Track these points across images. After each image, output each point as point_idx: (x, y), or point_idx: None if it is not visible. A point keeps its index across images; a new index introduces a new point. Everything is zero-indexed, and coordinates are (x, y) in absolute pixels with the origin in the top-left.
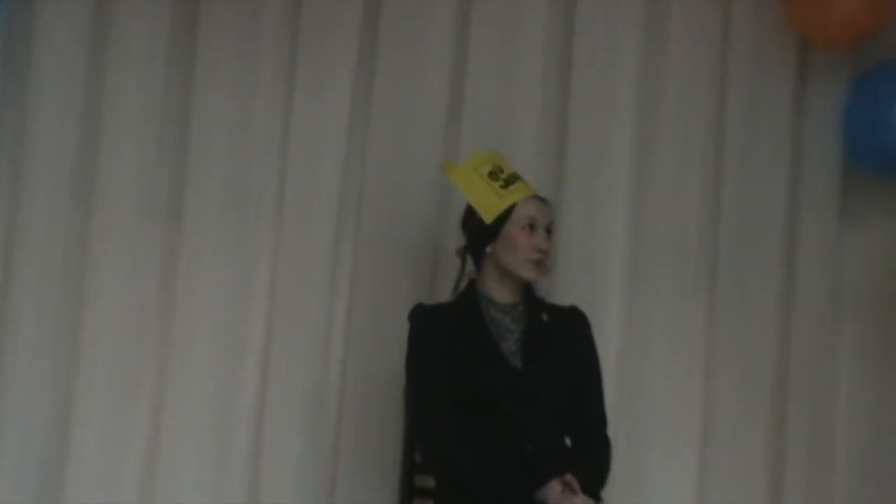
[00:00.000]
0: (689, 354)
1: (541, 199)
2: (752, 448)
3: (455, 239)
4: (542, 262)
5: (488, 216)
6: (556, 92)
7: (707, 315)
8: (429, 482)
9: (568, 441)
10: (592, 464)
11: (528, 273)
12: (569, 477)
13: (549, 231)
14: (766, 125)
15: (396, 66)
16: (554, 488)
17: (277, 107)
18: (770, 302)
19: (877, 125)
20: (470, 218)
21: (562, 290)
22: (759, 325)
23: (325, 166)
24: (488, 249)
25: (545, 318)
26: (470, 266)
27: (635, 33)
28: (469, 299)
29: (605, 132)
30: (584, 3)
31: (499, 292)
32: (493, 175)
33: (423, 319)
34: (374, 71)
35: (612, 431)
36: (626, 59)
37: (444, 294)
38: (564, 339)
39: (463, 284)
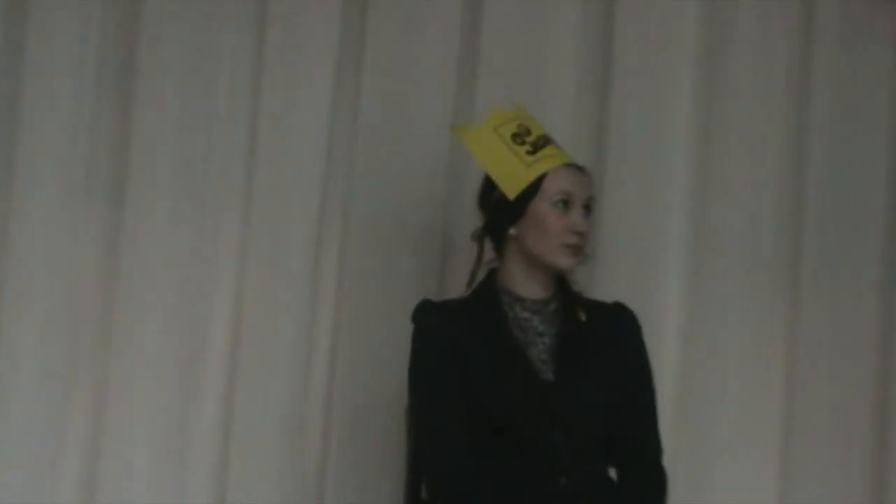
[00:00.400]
0: (766, 362)
1: (578, 169)
2: (845, 476)
3: (470, 220)
4: (580, 248)
5: (512, 190)
6: (597, 32)
7: (789, 312)
8: None
9: (612, 473)
10: (643, 501)
11: (561, 261)
12: None
13: (588, 209)
14: (864, 65)
15: (395, 5)
16: None
17: (246, 58)
18: (869, 292)
19: None
20: (488, 193)
21: (605, 284)
22: (856, 321)
23: (305, 132)
24: (512, 231)
25: (583, 317)
26: (489, 253)
27: None
28: (488, 294)
29: (660, 81)
30: None
31: (525, 286)
32: (518, 138)
33: (430, 320)
34: (367, 13)
35: (669, 460)
36: None
37: (456, 289)
38: (608, 344)
39: (480, 276)
